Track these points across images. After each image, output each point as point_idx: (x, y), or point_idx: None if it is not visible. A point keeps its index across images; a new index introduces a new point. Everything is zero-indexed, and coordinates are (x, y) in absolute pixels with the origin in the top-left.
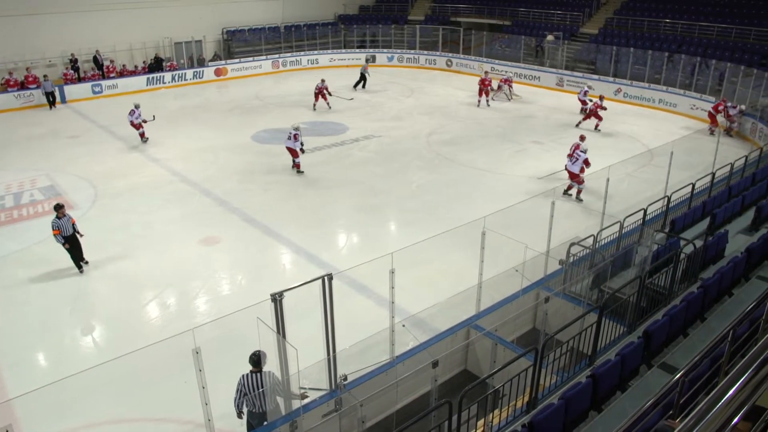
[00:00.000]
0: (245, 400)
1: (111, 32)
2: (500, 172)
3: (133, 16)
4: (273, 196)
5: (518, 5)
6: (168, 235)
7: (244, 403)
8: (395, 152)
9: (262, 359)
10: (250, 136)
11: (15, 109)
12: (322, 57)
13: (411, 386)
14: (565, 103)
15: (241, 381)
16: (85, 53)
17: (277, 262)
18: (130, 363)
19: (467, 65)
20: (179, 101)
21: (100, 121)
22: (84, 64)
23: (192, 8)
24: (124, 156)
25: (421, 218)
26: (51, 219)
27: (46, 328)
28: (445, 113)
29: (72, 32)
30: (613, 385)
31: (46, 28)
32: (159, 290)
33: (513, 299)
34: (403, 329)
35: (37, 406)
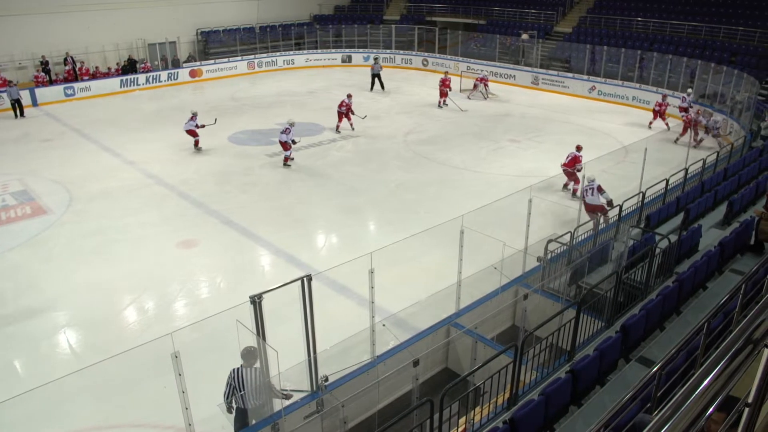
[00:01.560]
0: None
1: (83, 33)
2: (478, 170)
3: (105, 17)
4: (251, 197)
5: (493, 4)
6: (145, 238)
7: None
8: (373, 152)
9: (251, 355)
10: (227, 137)
11: None
12: (298, 57)
13: (392, 385)
14: (541, 101)
15: (231, 374)
16: (56, 55)
17: (256, 264)
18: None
19: (443, 64)
20: (154, 103)
21: (74, 124)
22: (55, 66)
23: (166, 9)
24: (99, 159)
25: (400, 217)
26: None
27: (21, 336)
28: (422, 112)
29: (43, 34)
30: (593, 379)
31: (16, 29)
32: (136, 295)
33: (492, 297)
34: (384, 329)
35: (13, 414)
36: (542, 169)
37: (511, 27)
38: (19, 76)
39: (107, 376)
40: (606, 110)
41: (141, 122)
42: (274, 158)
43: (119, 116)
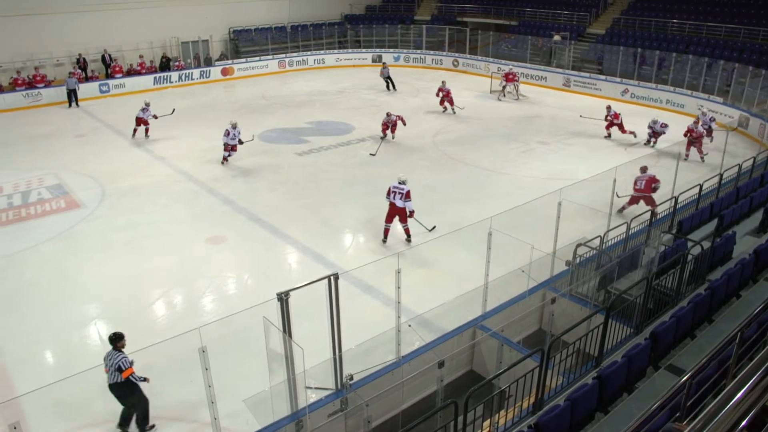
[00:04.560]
0: None
1: (118, 32)
2: (506, 172)
3: (140, 15)
4: (279, 195)
5: (525, 5)
6: (174, 234)
7: None
8: (401, 152)
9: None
10: (257, 135)
11: (22, 108)
12: (329, 57)
13: (417, 386)
14: (572, 103)
15: None
16: (92, 53)
17: (283, 261)
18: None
19: (474, 65)
20: (186, 101)
21: (107, 120)
22: (92, 64)
23: (199, 8)
24: (131, 155)
25: (427, 218)
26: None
27: (53, 327)
28: (452, 113)
29: (80, 32)
30: (620, 386)
31: (54, 27)
32: (165, 289)
33: (519, 300)
34: (409, 329)
35: (44, 403)
36: (572, 171)
37: (543, 28)
38: (57, 72)
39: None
40: (639, 113)
41: (172, 119)
42: (303, 157)
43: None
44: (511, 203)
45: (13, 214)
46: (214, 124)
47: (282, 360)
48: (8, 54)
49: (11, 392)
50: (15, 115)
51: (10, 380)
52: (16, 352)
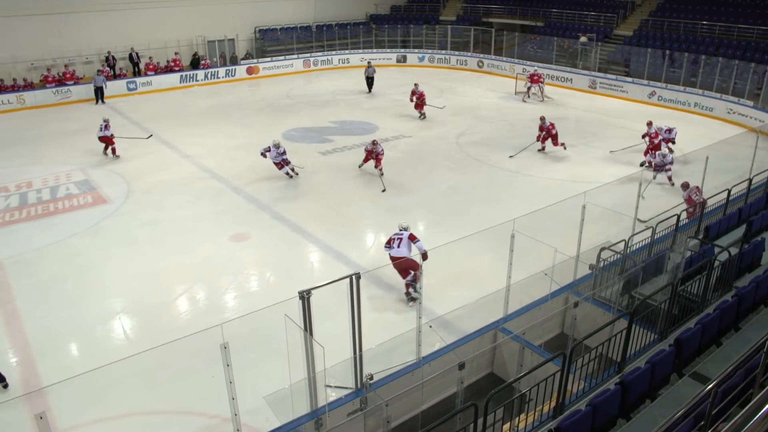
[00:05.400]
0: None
1: (146, 30)
2: (530, 174)
3: (167, 14)
4: (302, 194)
5: (551, 6)
6: (198, 231)
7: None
8: (425, 152)
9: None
10: (281, 134)
11: (52, 105)
12: (353, 56)
13: (437, 387)
14: (597, 105)
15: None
16: (121, 51)
17: (305, 260)
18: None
19: (498, 66)
20: (211, 99)
21: (134, 117)
22: (120, 62)
23: (226, 7)
24: (156, 152)
25: (449, 219)
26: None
27: (79, 320)
28: (476, 114)
29: (108, 30)
30: (643, 393)
31: (84, 25)
32: (188, 285)
33: (541, 303)
34: (430, 330)
35: (69, 394)
36: (596, 174)
37: (569, 29)
38: (86, 70)
39: (157, 363)
40: (666, 116)
41: (198, 117)
42: (327, 156)
43: (177, 111)
44: (535, 205)
45: (42, 209)
46: (238, 122)
47: (302, 358)
48: (39, 52)
49: (38, 383)
50: (45, 112)
51: (37, 371)
52: (43, 344)
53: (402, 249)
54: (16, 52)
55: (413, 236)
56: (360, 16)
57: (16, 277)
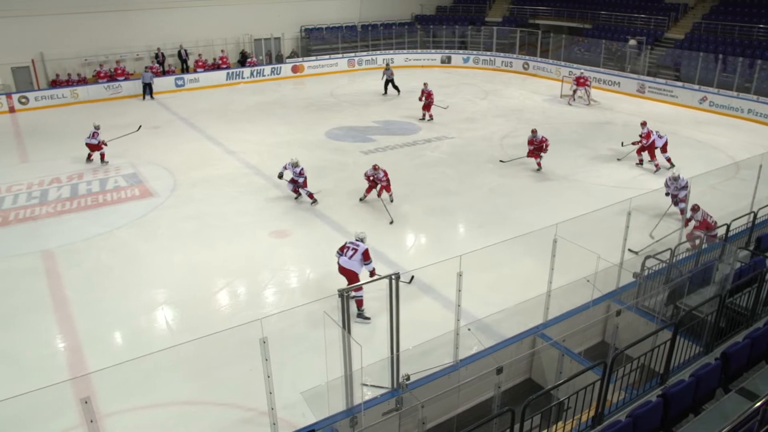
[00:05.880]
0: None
1: (194, 28)
2: (574, 178)
3: (216, 12)
4: (344, 192)
5: (600, 8)
6: (241, 226)
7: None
8: (467, 154)
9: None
10: (324, 132)
11: (104, 100)
12: (398, 56)
13: (473, 391)
14: (646, 110)
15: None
16: (170, 48)
17: None
18: (200, 348)
19: (544, 69)
20: (257, 96)
21: (181, 113)
22: (169, 58)
23: (272, 6)
24: (203, 148)
25: (491, 222)
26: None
27: (123, 309)
28: (520, 117)
29: (158, 27)
30: (686, 407)
31: (135, 23)
32: (230, 279)
33: (582, 310)
34: (468, 333)
35: (112, 381)
36: (643, 181)
37: (618, 32)
38: (136, 66)
39: (197, 355)
40: (717, 123)
41: (243, 114)
42: (369, 155)
43: (223, 108)
44: (578, 211)
45: (92, 200)
46: (283, 120)
47: (340, 356)
48: (93, 48)
49: (83, 369)
50: (97, 106)
51: (83, 357)
52: (89, 332)
53: (353, 262)
54: (71, 49)
55: (367, 256)
56: (405, 17)
57: (66, 265)
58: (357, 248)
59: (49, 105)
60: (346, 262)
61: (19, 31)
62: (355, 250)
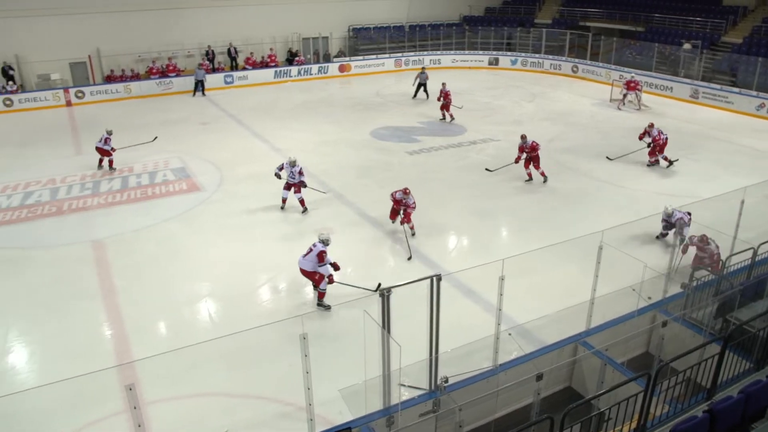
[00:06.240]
0: None
1: (244, 26)
2: (621, 184)
3: (265, 11)
4: (388, 192)
5: (653, 11)
6: (284, 222)
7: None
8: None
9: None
10: (369, 132)
11: (155, 95)
12: (445, 57)
13: (512, 396)
14: (699, 116)
15: None
16: (220, 45)
17: (387, 258)
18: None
19: (594, 72)
20: (304, 95)
21: (229, 110)
22: (218, 56)
23: (321, 5)
24: (250, 144)
25: (535, 226)
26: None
27: (169, 300)
28: (568, 120)
29: (209, 25)
30: (734, 424)
31: (187, 21)
32: (272, 275)
33: (627, 319)
34: (509, 338)
35: (155, 370)
36: (694, 189)
37: (672, 35)
38: (187, 63)
39: (238, 348)
40: None
41: (290, 112)
42: (414, 156)
43: (271, 105)
44: (625, 218)
45: (141, 193)
46: (329, 118)
47: (378, 355)
48: (146, 45)
49: (128, 356)
50: (148, 101)
51: (129, 345)
52: (135, 320)
53: (306, 261)
54: (125, 45)
55: (321, 257)
56: (453, 17)
57: (115, 255)
58: (313, 249)
59: (104, 99)
60: (300, 260)
61: (78, 28)
62: (311, 250)
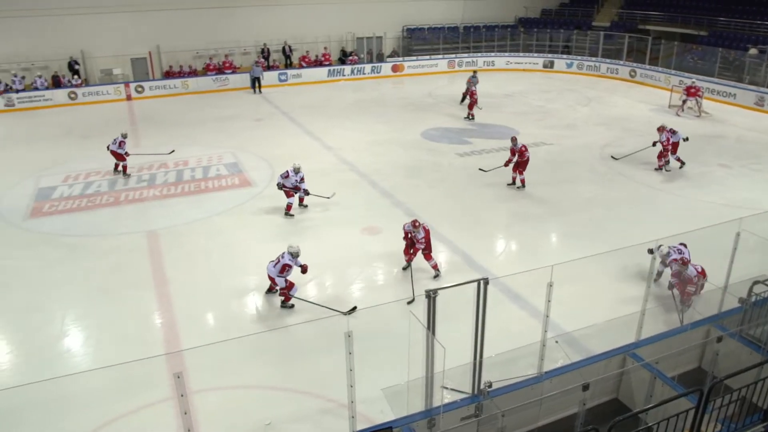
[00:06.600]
0: None
1: (299, 25)
2: (677, 193)
3: (320, 10)
4: (437, 194)
5: (718, 14)
6: (333, 220)
7: None
8: (565, 162)
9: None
10: (420, 133)
11: (212, 91)
12: (499, 59)
13: (556, 405)
14: (764, 124)
15: None
16: (275, 43)
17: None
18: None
19: (653, 77)
20: (356, 94)
21: (283, 107)
22: (273, 54)
23: (376, 5)
24: (300, 141)
25: (585, 233)
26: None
27: (217, 292)
28: (623, 126)
29: (265, 24)
30: None
31: (243, 19)
32: (318, 272)
33: (679, 332)
34: (555, 345)
35: (201, 360)
36: (755, 200)
37: (737, 40)
38: (243, 60)
39: (283, 342)
40: None
41: (342, 111)
42: (464, 158)
43: (323, 104)
44: (681, 228)
45: (194, 186)
46: (380, 118)
47: (422, 356)
48: (203, 42)
49: (177, 345)
50: (205, 97)
51: (178, 334)
52: (185, 310)
53: (272, 269)
54: (184, 42)
55: (283, 270)
56: (508, 19)
57: (168, 246)
58: (281, 259)
59: (162, 94)
60: (268, 267)
61: (139, 25)
62: (278, 261)
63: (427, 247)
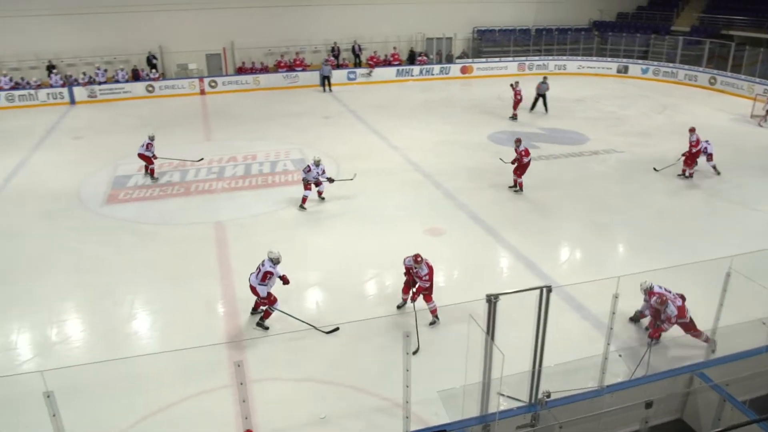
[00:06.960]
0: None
1: (369, 25)
2: (758, 208)
3: (390, 10)
4: (501, 197)
5: None
6: (396, 219)
7: None
8: (637, 170)
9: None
10: (486, 135)
11: (281, 88)
12: (571, 63)
13: (616, 421)
14: None
15: None
16: (345, 43)
17: (496, 263)
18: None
19: (734, 85)
20: (424, 94)
21: (351, 105)
22: (343, 53)
23: (447, 6)
24: (367, 140)
25: (654, 246)
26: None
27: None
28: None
29: (336, 23)
30: None
31: (314, 18)
32: (379, 270)
33: (753, 355)
34: (618, 359)
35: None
36: None
37: None
38: (313, 58)
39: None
40: None
41: (409, 111)
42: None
43: (391, 103)
44: (759, 245)
45: (261, 180)
46: (447, 119)
47: (480, 361)
48: (275, 40)
49: (239, 335)
50: (275, 93)
51: (239, 324)
52: (247, 301)
53: (254, 279)
54: (257, 39)
55: (264, 278)
56: (582, 22)
57: (234, 237)
58: (260, 269)
59: (234, 90)
60: (250, 278)
61: (215, 22)
62: (259, 270)
63: (429, 287)
